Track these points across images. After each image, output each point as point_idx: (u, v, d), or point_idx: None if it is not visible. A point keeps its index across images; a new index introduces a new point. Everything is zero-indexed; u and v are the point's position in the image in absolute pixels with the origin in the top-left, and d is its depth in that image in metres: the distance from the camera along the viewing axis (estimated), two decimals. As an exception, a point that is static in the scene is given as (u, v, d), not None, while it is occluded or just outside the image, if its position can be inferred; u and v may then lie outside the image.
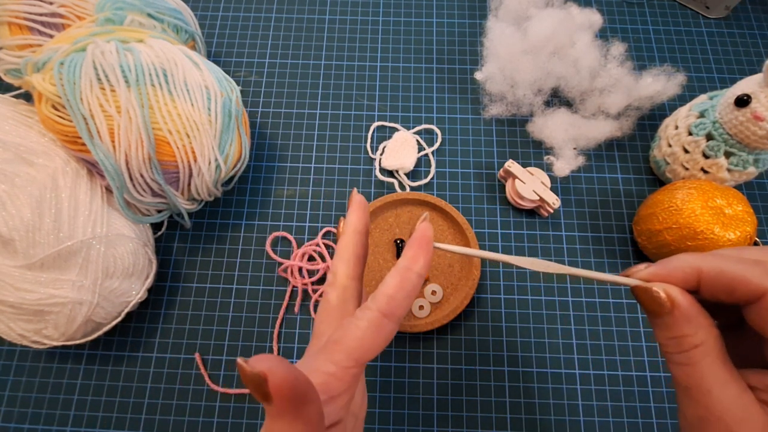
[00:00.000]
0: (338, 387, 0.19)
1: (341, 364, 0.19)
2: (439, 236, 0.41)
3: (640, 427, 0.36)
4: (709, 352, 0.17)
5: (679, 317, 0.18)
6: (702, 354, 0.17)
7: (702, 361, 0.17)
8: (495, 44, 0.45)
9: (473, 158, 0.45)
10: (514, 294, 0.40)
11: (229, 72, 0.48)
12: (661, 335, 0.19)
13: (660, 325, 0.18)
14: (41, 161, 0.33)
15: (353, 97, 0.47)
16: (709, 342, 0.17)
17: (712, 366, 0.17)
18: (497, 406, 0.37)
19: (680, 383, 0.18)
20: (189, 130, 0.34)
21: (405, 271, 0.20)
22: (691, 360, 0.18)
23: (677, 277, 0.18)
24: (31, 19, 0.36)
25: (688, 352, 0.18)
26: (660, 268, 0.19)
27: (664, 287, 0.18)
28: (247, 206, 0.43)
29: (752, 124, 0.34)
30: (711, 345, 0.17)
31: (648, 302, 0.18)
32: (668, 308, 0.18)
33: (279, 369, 0.16)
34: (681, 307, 0.18)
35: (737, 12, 0.51)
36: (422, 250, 0.20)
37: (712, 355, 0.17)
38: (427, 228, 0.21)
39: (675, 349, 0.18)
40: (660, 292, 0.18)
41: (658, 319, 0.18)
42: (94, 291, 0.32)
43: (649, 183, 0.44)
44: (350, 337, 0.19)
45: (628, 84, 0.42)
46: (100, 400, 0.37)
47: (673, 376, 0.19)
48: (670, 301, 0.18)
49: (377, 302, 0.19)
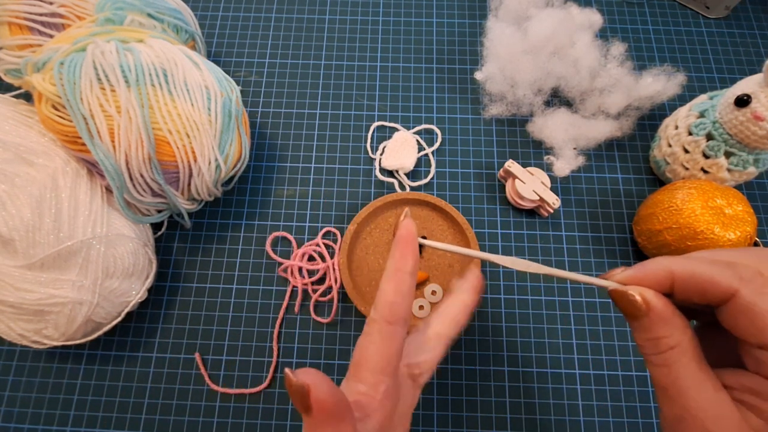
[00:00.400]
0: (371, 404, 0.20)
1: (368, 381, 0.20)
2: (439, 236, 0.41)
3: (640, 427, 0.36)
4: (684, 352, 0.18)
5: (655, 319, 0.18)
6: (677, 355, 0.18)
7: (678, 361, 0.18)
8: (495, 44, 0.45)
9: (473, 158, 0.45)
10: (514, 294, 0.40)
11: (229, 72, 0.48)
12: (639, 337, 0.19)
13: (637, 327, 0.19)
14: (41, 161, 0.33)
15: (353, 97, 0.47)
16: (684, 343, 0.18)
17: (687, 366, 0.18)
18: (497, 406, 0.37)
19: (658, 383, 0.19)
20: (189, 130, 0.34)
21: (397, 273, 0.21)
22: (668, 361, 0.18)
23: (652, 280, 0.19)
24: (31, 19, 0.36)
25: (664, 354, 0.18)
26: (636, 272, 0.19)
27: (640, 290, 0.19)
28: (247, 206, 0.43)
29: (752, 124, 0.34)
30: (686, 346, 0.18)
31: (624, 305, 0.19)
32: (644, 311, 0.18)
33: (323, 384, 0.17)
34: (656, 309, 0.18)
35: (737, 12, 0.51)
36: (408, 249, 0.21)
37: (688, 356, 0.18)
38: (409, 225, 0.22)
39: (652, 351, 0.18)
40: (635, 295, 0.18)
41: (635, 322, 0.19)
42: (94, 291, 0.32)
43: (649, 183, 0.44)
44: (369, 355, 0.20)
45: (628, 84, 0.42)
46: (100, 400, 0.37)
47: (652, 377, 0.19)
48: (645, 303, 0.18)
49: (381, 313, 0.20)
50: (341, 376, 0.37)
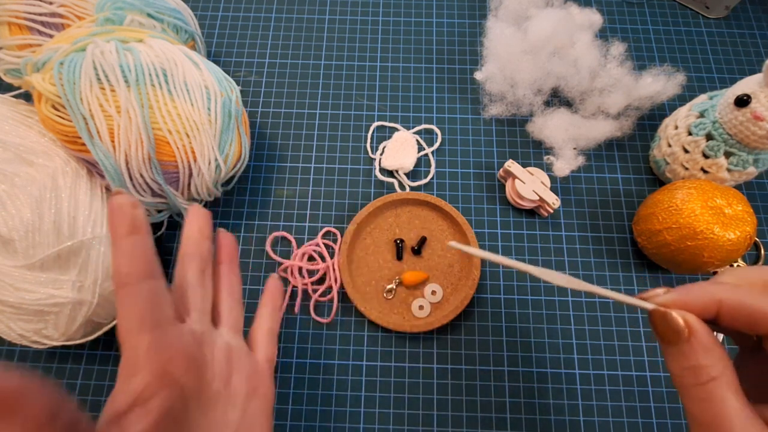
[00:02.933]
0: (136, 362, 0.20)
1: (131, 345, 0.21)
2: (439, 236, 0.41)
3: (640, 427, 0.36)
4: (728, 386, 0.17)
5: (697, 346, 0.17)
6: (720, 388, 0.17)
7: (721, 395, 0.17)
8: (495, 44, 0.45)
9: (473, 158, 0.45)
10: (514, 294, 0.40)
11: (229, 72, 0.48)
12: (676, 365, 0.18)
13: (675, 353, 0.18)
14: (41, 161, 0.33)
15: (353, 97, 0.47)
16: (727, 375, 0.17)
17: (731, 401, 0.16)
18: (497, 406, 0.37)
19: (696, 419, 0.17)
20: (189, 130, 0.34)
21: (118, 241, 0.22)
22: (710, 394, 0.17)
23: (697, 306, 0.18)
24: (30, 19, 0.36)
25: (705, 385, 0.17)
26: (680, 296, 0.18)
27: (683, 314, 0.18)
28: (247, 206, 0.43)
29: (752, 124, 0.34)
30: (729, 378, 0.17)
31: (664, 328, 0.18)
32: (685, 336, 0.17)
33: None
34: (698, 335, 0.17)
35: (737, 12, 0.51)
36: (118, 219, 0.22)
37: (732, 390, 0.17)
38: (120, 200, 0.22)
39: (692, 381, 0.17)
40: (678, 318, 0.18)
41: (673, 347, 0.18)
42: (94, 291, 0.32)
43: (649, 183, 0.44)
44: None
45: (628, 84, 0.42)
46: (100, 400, 0.37)
47: (689, 412, 0.18)
48: (687, 328, 0.17)
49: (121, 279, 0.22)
50: (341, 375, 0.37)
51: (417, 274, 0.39)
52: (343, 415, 0.36)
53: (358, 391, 0.37)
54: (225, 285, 0.28)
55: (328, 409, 0.37)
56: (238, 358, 0.26)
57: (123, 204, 0.22)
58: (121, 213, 0.22)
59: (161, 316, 0.21)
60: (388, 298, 0.39)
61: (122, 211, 0.22)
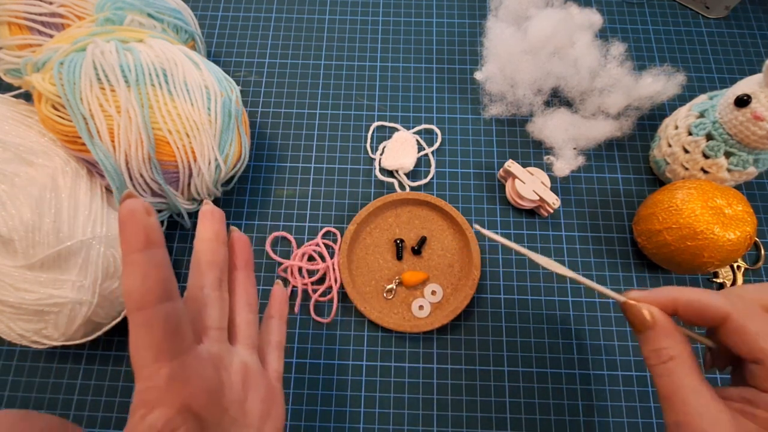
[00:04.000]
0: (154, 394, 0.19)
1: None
2: (439, 236, 0.41)
3: (640, 427, 0.36)
4: (683, 363, 0.21)
5: (659, 332, 0.22)
6: (677, 365, 0.21)
7: (677, 371, 0.21)
8: (495, 44, 0.45)
9: (473, 158, 0.45)
10: (514, 294, 0.40)
11: (229, 72, 0.48)
12: (645, 348, 0.22)
13: (644, 339, 0.22)
14: (41, 161, 0.33)
15: (353, 97, 0.47)
16: (684, 355, 0.21)
17: (686, 376, 0.21)
18: (497, 406, 0.37)
19: (661, 393, 0.21)
20: (189, 129, 0.34)
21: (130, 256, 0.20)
22: (669, 370, 0.21)
23: (660, 302, 0.22)
24: (30, 19, 0.36)
25: (665, 363, 0.21)
26: (646, 294, 0.23)
27: (648, 307, 0.22)
28: (247, 206, 0.43)
29: (752, 124, 0.34)
30: (685, 357, 0.21)
31: (634, 317, 0.23)
32: (650, 324, 0.22)
33: None
34: (660, 323, 0.22)
35: (737, 12, 0.51)
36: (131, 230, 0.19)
37: (686, 366, 0.21)
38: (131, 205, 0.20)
39: (655, 361, 0.22)
40: (644, 310, 0.22)
41: (642, 335, 0.23)
42: (94, 291, 0.32)
43: (649, 183, 0.44)
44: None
45: (628, 84, 0.42)
46: (100, 400, 0.37)
47: (657, 389, 0.22)
48: (651, 317, 0.22)
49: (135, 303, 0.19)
50: (341, 375, 0.37)
51: (417, 274, 0.39)
52: (343, 415, 0.36)
53: (358, 391, 0.37)
54: (242, 295, 0.26)
55: (328, 409, 0.37)
56: (254, 378, 0.25)
57: (136, 210, 0.19)
58: (134, 222, 0.19)
59: (180, 344, 0.20)
60: (388, 298, 0.39)
61: (135, 219, 0.19)
